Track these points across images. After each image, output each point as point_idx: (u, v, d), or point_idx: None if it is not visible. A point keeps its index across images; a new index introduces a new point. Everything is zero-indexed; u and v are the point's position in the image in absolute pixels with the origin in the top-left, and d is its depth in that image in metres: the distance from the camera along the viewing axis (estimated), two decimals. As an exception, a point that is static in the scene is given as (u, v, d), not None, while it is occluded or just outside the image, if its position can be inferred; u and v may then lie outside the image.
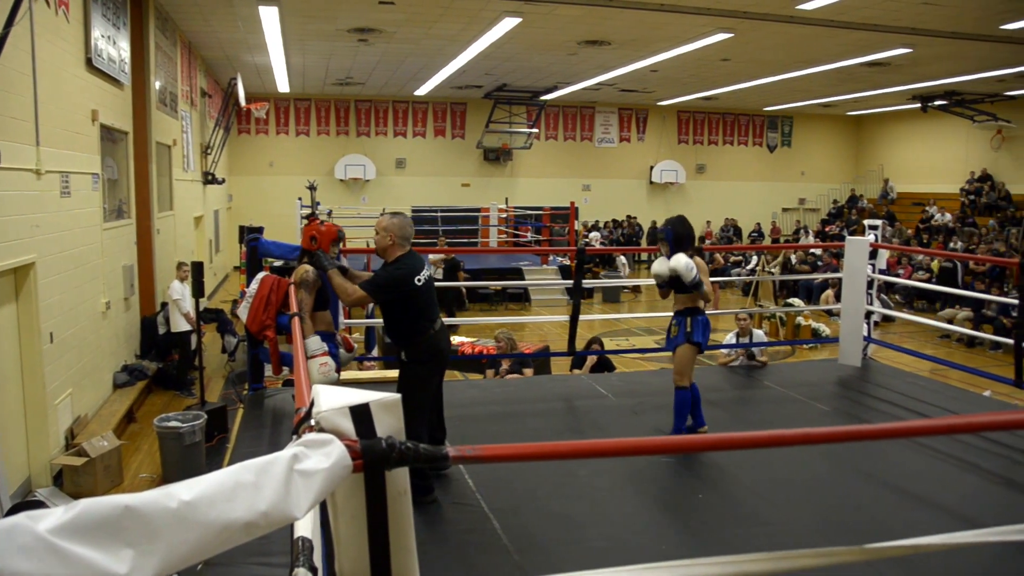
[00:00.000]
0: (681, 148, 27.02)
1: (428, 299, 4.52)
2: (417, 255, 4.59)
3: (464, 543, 3.97)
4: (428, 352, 4.48)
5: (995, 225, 21.00)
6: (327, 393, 1.52)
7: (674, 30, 13.35)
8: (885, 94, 21.43)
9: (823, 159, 28.42)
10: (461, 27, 13.48)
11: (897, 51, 14.78)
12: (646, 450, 2.11)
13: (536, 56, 16.43)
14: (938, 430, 3.47)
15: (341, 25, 13.54)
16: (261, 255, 6.86)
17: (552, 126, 25.78)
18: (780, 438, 3.06)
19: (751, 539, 4.04)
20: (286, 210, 20.29)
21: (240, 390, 10.01)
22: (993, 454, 5.26)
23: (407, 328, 4.49)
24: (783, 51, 15.23)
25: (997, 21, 12.33)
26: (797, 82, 19.23)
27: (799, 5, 11.48)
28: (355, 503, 1.51)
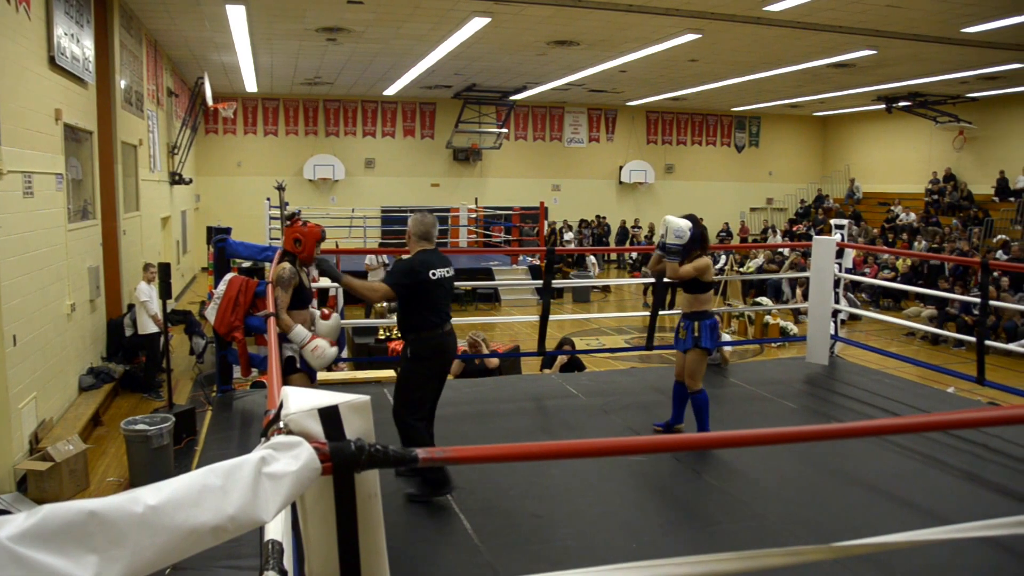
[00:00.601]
0: (650, 148, 27.16)
1: (441, 296, 4.55)
2: (438, 253, 4.68)
3: (435, 544, 3.96)
4: (432, 349, 4.49)
5: (958, 225, 21.34)
6: (296, 395, 1.51)
7: (642, 31, 13.41)
8: (851, 95, 21.70)
9: (790, 159, 28.70)
10: (430, 27, 13.45)
11: (862, 53, 14.97)
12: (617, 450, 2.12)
13: (505, 56, 16.43)
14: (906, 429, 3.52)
15: (309, 24, 13.45)
16: (229, 256, 6.80)
17: (522, 126, 25.81)
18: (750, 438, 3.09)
19: (722, 538, 4.07)
20: (254, 211, 20.13)
21: (208, 392, 9.92)
22: (958, 450, 5.34)
23: (416, 321, 4.49)
24: (750, 52, 15.36)
25: (958, 24, 12.53)
26: (764, 83, 19.41)
27: (766, 6, 11.58)
28: (324, 506, 1.50)
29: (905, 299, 18.64)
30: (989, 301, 6.79)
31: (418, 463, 1.49)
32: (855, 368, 8.03)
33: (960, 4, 11.30)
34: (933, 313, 16.21)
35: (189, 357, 12.14)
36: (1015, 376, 12.18)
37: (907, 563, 3.67)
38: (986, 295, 6.72)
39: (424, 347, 4.46)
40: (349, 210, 22.08)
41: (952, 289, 15.86)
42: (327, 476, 1.43)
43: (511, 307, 17.83)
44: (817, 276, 7.74)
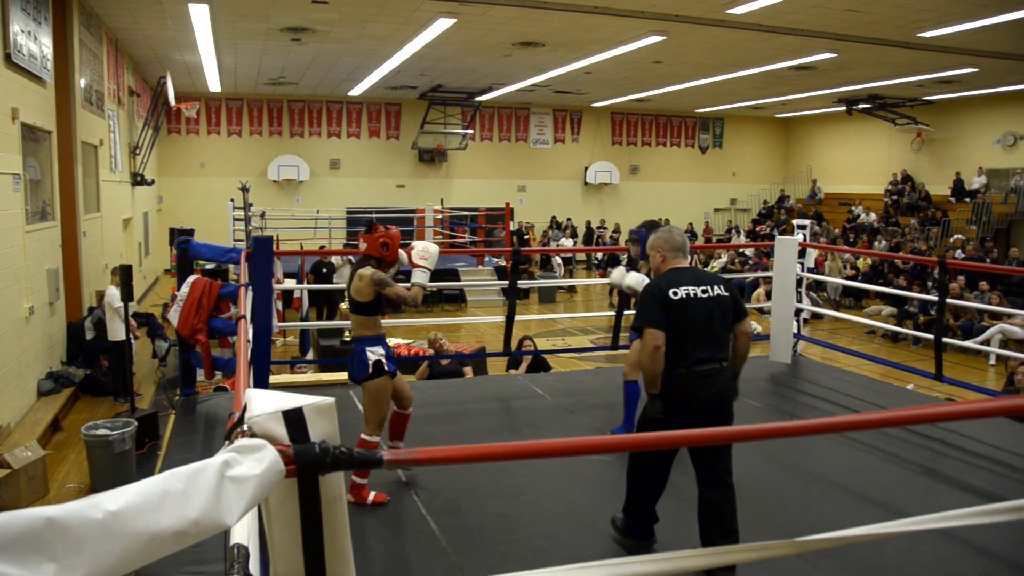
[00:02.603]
0: (615, 149, 27.29)
1: None
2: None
3: (402, 546, 3.95)
4: None
5: (916, 224, 21.70)
6: (260, 397, 1.50)
7: (607, 32, 13.48)
8: (812, 97, 21.98)
9: (753, 160, 29.00)
10: (395, 27, 13.41)
11: (823, 56, 15.18)
12: (582, 450, 2.14)
13: (471, 57, 16.43)
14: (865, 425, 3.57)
15: (273, 24, 13.35)
16: (192, 258, 6.73)
17: (487, 127, 25.80)
18: (715, 435, 3.12)
19: (687, 535, 4.10)
20: (218, 212, 19.94)
21: (172, 396, 9.81)
22: (916, 445, 5.44)
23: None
24: (714, 54, 15.50)
25: (915, 29, 12.76)
26: (728, 85, 19.59)
27: (729, 9, 11.70)
28: (289, 509, 1.49)
29: (866, 298, 18.93)
30: (946, 300, 6.92)
31: (383, 465, 1.49)
32: (817, 366, 8.14)
33: (917, 9, 11.51)
34: (893, 312, 16.49)
35: (152, 360, 12.00)
36: (971, 372, 12.42)
37: (867, 556, 3.74)
38: (943, 294, 6.84)
39: None
40: (314, 211, 21.94)
41: (910, 288, 16.11)
42: (291, 479, 1.43)
43: (477, 308, 17.84)
44: (780, 276, 7.83)
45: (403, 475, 4.74)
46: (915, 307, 15.63)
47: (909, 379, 9.34)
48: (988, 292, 15.06)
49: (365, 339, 4.53)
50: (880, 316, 16.71)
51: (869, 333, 15.59)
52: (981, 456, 5.27)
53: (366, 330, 4.55)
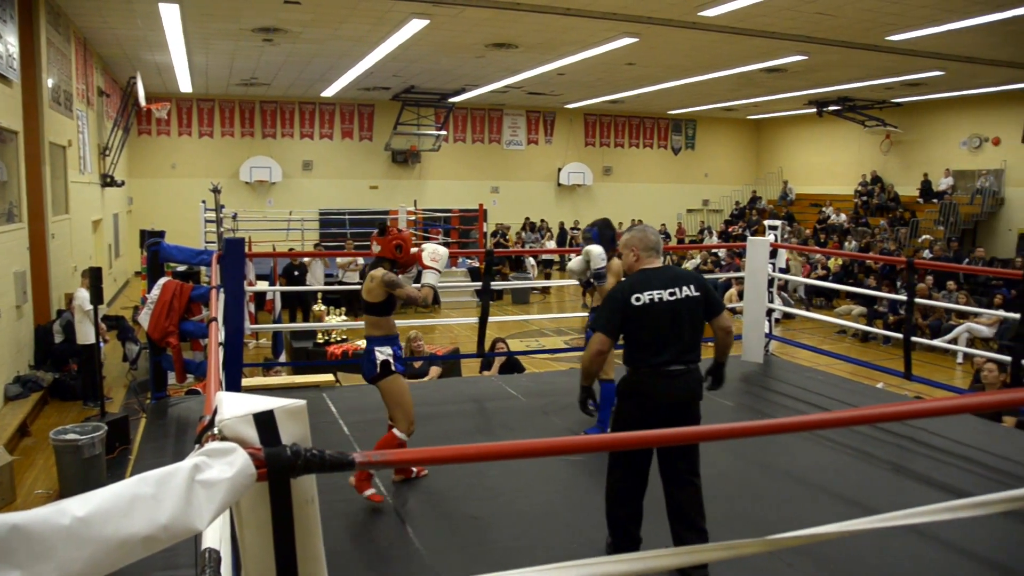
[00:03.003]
0: (588, 150, 27.37)
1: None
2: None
3: (375, 548, 3.94)
4: None
5: (885, 225, 21.96)
6: (230, 400, 1.49)
7: (580, 34, 13.52)
8: (783, 99, 22.17)
9: (725, 161, 29.20)
10: (368, 28, 13.37)
11: (794, 58, 15.32)
12: (556, 450, 2.14)
13: (444, 58, 16.41)
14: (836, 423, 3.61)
15: (245, 24, 13.26)
16: (163, 260, 6.68)
17: (460, 128, 25.78)
18: (688, 435, 3.15)
19: (660, 534, 4.13)
20: (189, 214, 19.75)
21: (143, 399, 9.71)
22: (885, 443, 5.50)
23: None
24: (686, 56, 15.60)
25: (883, 32, 12.92)
26: (700, 86, 19.71)
27: (701, 12, 11.77)
28: (260, 512, 1.49)
29: (837, 298, 19.11)
30: (915, 300, 7.01)
31: (355, 467, 1.49)
32: (789, 366, 8.21)
33: (885, 13, 11.65)
34: (863, 311, 16.67)
35: (122, 364, 11.87)
36: (940, 371, 12.58)
37: (838, 552, 3.78)
38: (912, 293, 6.93)
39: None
40: (286, 212, 21.81)
41: (880, 288, 16.29)
42: (263, 482, 1.42)
43: (450, 309, 17.80)
44: (752, 276, 7.89)
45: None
46: (885, 307, 15.80)
47: (879, 378, 9.45)
48: (955, 292, 15.27)
49: (375, 339, 4.61)
50: (851, 316, 16.88)
51: (840, 332, 15.74)
52: (948, 453, 5.34)
53: (377, 330, 4.64)
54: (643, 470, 3.75)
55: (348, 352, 10.40)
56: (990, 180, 20.69)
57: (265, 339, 13.69)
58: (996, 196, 20.70)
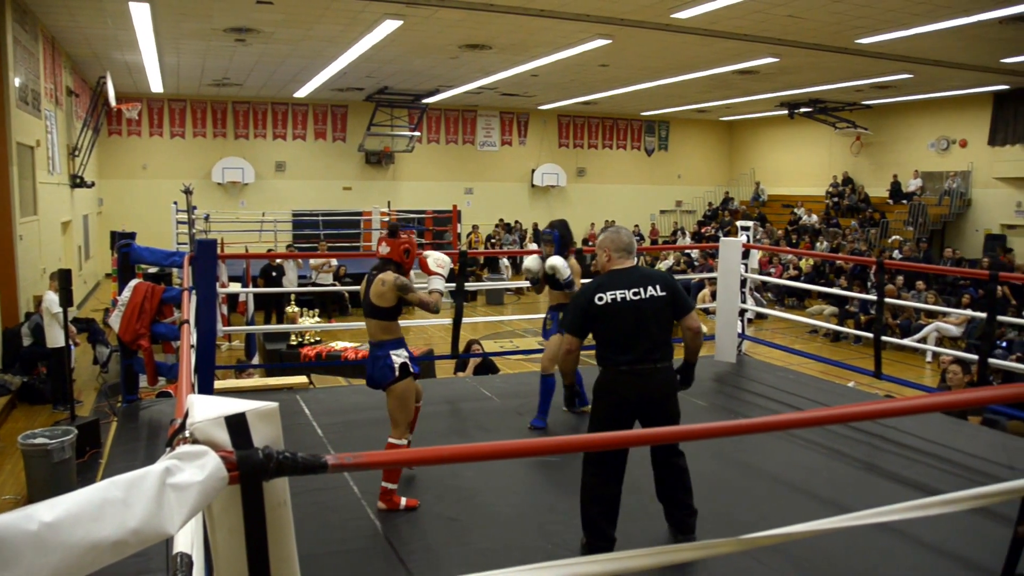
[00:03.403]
0: (562, 152, 27.42)
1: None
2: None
3: (350, 550, 3.93)
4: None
5: (856, 226, 22.20)
6: (202, 403, 1.49)
7: (553, 35, 13.55)
8: (755, 101, 22.34)
9: (698, 163, 29.37)
10: (341, 28, 13.31)
11: (765, 60, 15.45)
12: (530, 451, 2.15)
13: (417, 59, 16.38)
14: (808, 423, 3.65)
15: (217, 24, 13.16)
16: (134, 262, 6.60)
17: (434, 129, 25.74)
18: (662, 435, 3.17)
19: (634, 534, 4.15)
20: (161, 215, 19.55)
21: (114, 403, 9.60)
22: (857, 442, 5.56)
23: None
24: (659, 58, 15.67)
25: (852, 36, 13.07)
26: (673, 88, 19.82)
27: (674, 14, 11.83)
28: (232, 516, 1.48)
29: (809, 298, 19.29)
30: (884, 299, 7.09)
31: (327, 470, 1.49)
32: (762, 365, 8.27)
33: (854, 17, 11.78)
34: (835, 311, 16.83)
35: (92, 367, 11.73)
36: (909, 369, 12.74)
37: (810, 550, 3.81)
38: (882, 293, 7.01)
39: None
40: (259, 214, 21.66)
41: (851, 288, 16.46)
42: (235, 485, 1.41)
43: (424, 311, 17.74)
44: (725, 277, 7.95)
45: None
46: (856, 307, 15.97)
47: (850, 377, 9.55)
48: (924, 292, 15.46)
49: (387, 343, 4.54)
50: (822, 316, 17.05)
51: (812, 332, 15.89)
52: (918, 451, 5.41)
53: (388, 334, 4.57)
54: (618, 469, 3.82)
55: (322, 354, 10.36)
56: (957, 182, 20.98)
57: (238, 341, 13.60)
58: (963, 197, 21.00)
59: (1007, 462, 5.16)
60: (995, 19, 11.66)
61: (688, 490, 3.95)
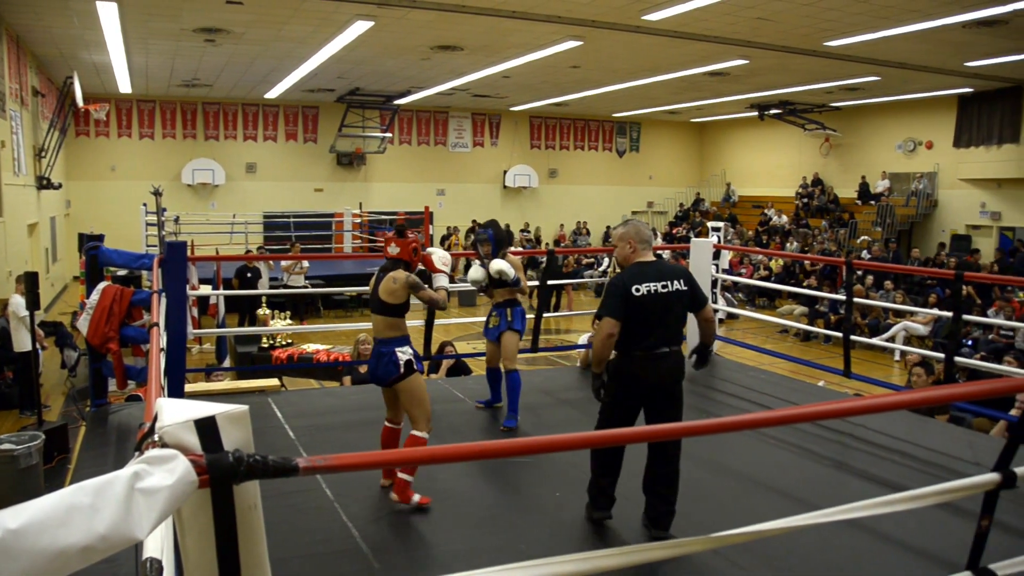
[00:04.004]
0: (534, 153, 27.46)
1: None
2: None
3: (322, 553, 3.91)
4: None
5: (826, 226, 22.43)
6: (171, 407, 1.48)
7: (525, 37, 13.57)
8: (726, 102, 22.51)
9: (669, 164, 29.53)
10: (312, 29, 13.25)
11: (735, 62, 15.57)
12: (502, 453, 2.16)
13: (389, 60, 16.34)
14: (778, 421, 3.69)
15: (186, 24, 13.04)
16: (102, 264, 6.53)
17: (406, 131, 25.68)
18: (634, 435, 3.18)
19: (606, 534, 4.17)
20: (129, 217, 19.37)
21: (82, 407, 9.49)
22: (826, 440, 5.62)
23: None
24: (630, 59, 15.75)
25: (821, 38, 13.22)
26: (644, 89, 19.91)
27: (645, 15, 11.90)
28: (203, 519, 1.47)
29: (779, 298, 19.46)
30: (853, 299, 7.17)
31: (298, 472, 1.49)
32: (733, 365, 8.33)
33: (823, 19, 11.91)
34: (805, 311, 16.99)
35: (60, 371, 11.59)
36: (878, 368, 12.89)
37: (780, 548, 3.85)
38: (850, 293, 7.09)
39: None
40: (230, 216, 21.49)
41: (820, 288, 16.63)
42: (204, 489, 1.41)
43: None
44: (695, 277, 7.98)
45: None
46: (825, 306, 16.13)
47: (820, 376, 9.64)
48: (893, 291, 15.66)
49: (393, 340, 4.58)
50: (793, 315, 17.20)
51: (782, 332, 16.03)
52: (886, 448, 5.48)
53: (395, 331, 4.61)
54: (621, 455, 4.28)
55: (294, 356, 10.31)
56: (924, 183, 21.27)
57: (209, 344, 13.48)
58: (930, 198, 21.29)
59: (972, 458, 5.24)
60: (959, 23, 11.85)
61: (675, 488, 4.18)
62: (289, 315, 12.67)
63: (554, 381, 7.58)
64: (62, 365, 11.60)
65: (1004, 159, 19.15)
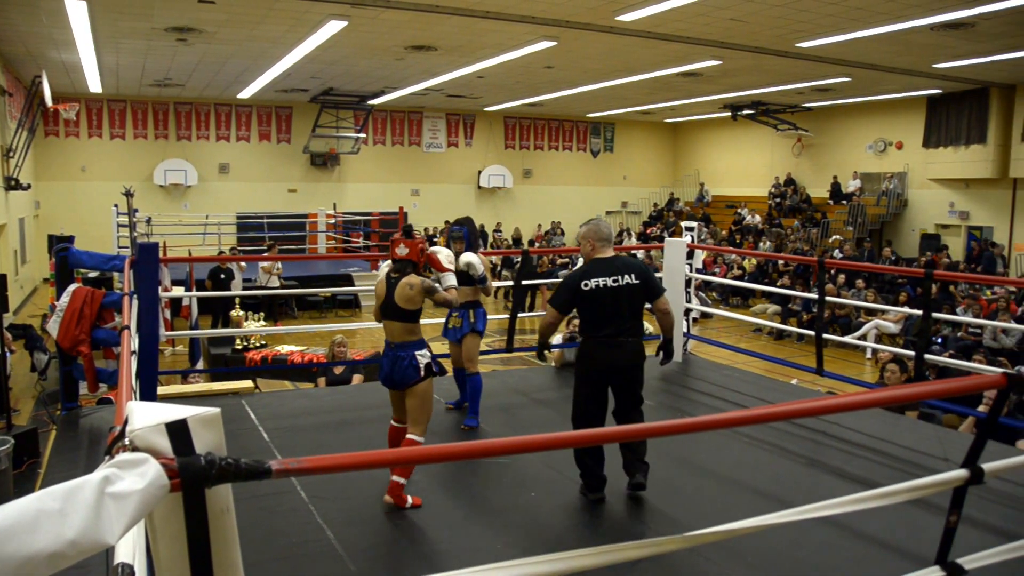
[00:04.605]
0: (508, 153, 27.48)
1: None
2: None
3: (297, 556, 3.89)
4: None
5: (798, 226, 22.62)
6: (142, 410, 1.46)
7: (499, 37, 13.57)
8: (699, 103, 22.64)
9: (643, 164, 29.66)
10: (286, 29, 13.18)
11: (708, 63, 15.67)
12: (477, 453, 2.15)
13: (363, 60, 16.28)
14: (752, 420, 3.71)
15: (157, 23, 12.91)
16: (72, 266, 6.45)
17: (380, 131, 25.60)
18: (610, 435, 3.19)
19: (581, 533, 4.18)
20: (101, 218, 19.18)
21: (52, 411, 9.36)
22: (800, 438, 5.67)
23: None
24: (604, 60, 15.79)
25: (793, 39, 13.34)
26: (618, 90, 19.99)
27: (619, 16, 11.94)
28: (175, 524, 1.46)
29: (753, 297, 19.60)
30: (825, 298, 7.24)
31: (271, 475, 1.48)
32: (707, 364, 8.37)
33: (795, 21, 12.02)
34: (778, 310, 17.11)
35: (30, 374, 11.44)
36: (850, 366, 13.02)
37: (755, 545, 3.87)
38: (823, 292, 7.16)
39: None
40: (203, 216, 21.32)
41: (793, 287, 16.76)
42: (176, 493, 1.40)
43: (371, 313, 17.63)
44: (670, 276, 8.03)
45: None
46: (798, 305, 16.26)
47: (793, 374, 9.72)
48: (864, 290, 15.81)
49: (412, 344, 4.58)
50: (766, 314, 17.32)
51: (756, 331, 16.14)
52: (858, 445, 5.54)
53: (412, 336, 4.61)
54: (599, 423, 4.68)
55: (268, 358, 10.25)
56: (894, 183, 21.52)
57: (182, 346, 13.37)
58: (900, 198, 21.55)
59: (942, 454, 5.31)
60: (927, 26, 12.01)
61: (645, 446, 4.63)
62: (263, 316, 12.58)
63: (528, 381, 7.59)
64: (32, 368, 11.46)
65: (971, 160, 19.41)
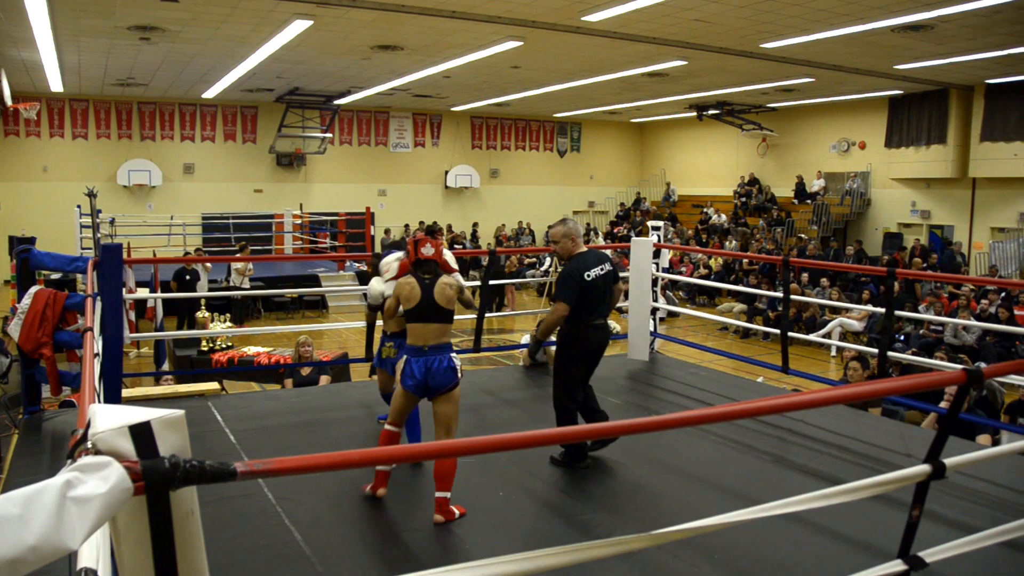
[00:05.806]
0: (475, 153, 27.46)
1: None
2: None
3: (265, 558, 3.86)
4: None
5: (764, 225, 22.85)
6: (105, 413, 1.45)
7: (465, 37, 13.57)
8: (665, 103, 22.79)
9: (610, 164, 29.78)
10: (250, 28, 13.07)
11: (674, 63, 15.78)
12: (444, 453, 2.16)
13: (329, 60, 16.19)
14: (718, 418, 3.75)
15: (120, 22, 12.74)
16: (34, 267, 6.34)
17: (346, 131, 25.46)
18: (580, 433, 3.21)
19: (551, 533, 4.19)
20: (63, 219, 18.90)
21: (14, 415, 9.21)
22: (765, 435, 5.72)
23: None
24: (570, 60, 15.84)
25: (757, 40, 13.47)
26: (584, 90, 20.06)
27: (584, 16, 11.99)
28: (139, 527, 1.45)
29: (719, 296, 19.77)
30: (790, 296, 7.32)
31: (236, 477, 1.47)
32: (674, 363, 8.43)
33: (759, 22, 12.15)
34: (744, 308, 17.28)
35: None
36: (815, 364, 13.18)
37: (721, 542, 3.91)
38: (787, 291, 7.24)
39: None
40: (167, 217, 21.08)
41: (759, 286, 16.93)
42: (140, 496, 1.38)
43: (339, 314, 17.57)
44: (636, 276, 8.07)
45: None
46: (764, 304, 16.43)
47: (759, 372, 9.82)
48: (828, 288, 16.01)
49: (446, 347, 4.46)
50: (732, 313, 17.48)
51: (722, 329, 16.29)
52: (823, 442, 5.61)
53: (448, 338, 4.50)
54: (578, 395, 5.26)
55: (234, 359, 10.16)
56: (857, 182, 21.81)
57: (147, 348, 13.22)
58: (863, 197, 21.84)
59: (905, 450, 5.39)
60: (887, 27, 12.19)
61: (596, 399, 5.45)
62: (228, 317, 12.46)
63: (497, 381, 7.59)
64: (-9, 372, 11.25)
65: (932, 160, 19.72)
